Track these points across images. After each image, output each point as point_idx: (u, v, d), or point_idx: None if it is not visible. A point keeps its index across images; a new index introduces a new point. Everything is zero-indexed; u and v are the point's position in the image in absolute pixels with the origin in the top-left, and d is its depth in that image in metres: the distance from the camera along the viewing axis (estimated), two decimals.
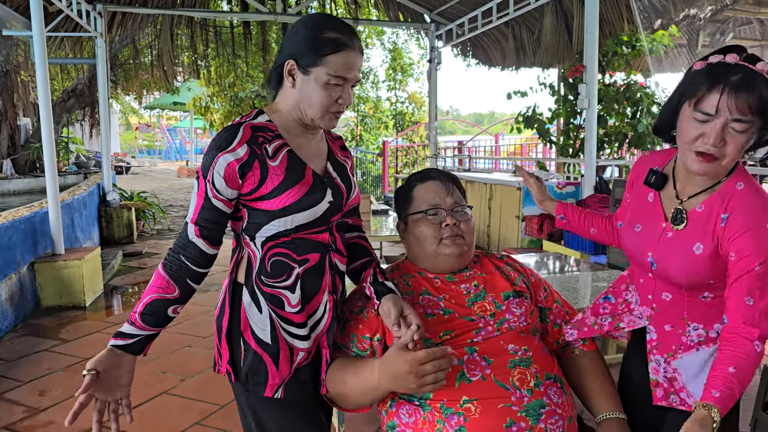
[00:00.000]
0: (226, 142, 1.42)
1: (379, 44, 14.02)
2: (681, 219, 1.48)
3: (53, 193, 5.06)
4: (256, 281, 1.50)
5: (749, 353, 1.29)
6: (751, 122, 1.31)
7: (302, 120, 1.51)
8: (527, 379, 1.48)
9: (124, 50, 10.45)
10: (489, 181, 6.75)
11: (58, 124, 10.09)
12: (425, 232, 1.66)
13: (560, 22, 6.94)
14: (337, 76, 1.44)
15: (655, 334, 1.57)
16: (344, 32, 1.46)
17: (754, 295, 1.32)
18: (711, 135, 1.32)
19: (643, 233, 1.56)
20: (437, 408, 1.46)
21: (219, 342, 1.55)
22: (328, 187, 1.53)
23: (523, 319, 1.60)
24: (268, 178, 1.44)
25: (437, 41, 8.63)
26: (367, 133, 14.59)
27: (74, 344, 4.10)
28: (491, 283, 1.66)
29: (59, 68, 11.58)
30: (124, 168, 18.86)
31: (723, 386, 1.27)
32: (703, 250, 1.42)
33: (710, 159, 1.35)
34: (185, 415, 3.03)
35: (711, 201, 1.43)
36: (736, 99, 1.28)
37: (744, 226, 1.36)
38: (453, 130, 32.43)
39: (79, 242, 6.21)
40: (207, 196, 1.44)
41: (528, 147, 13.58)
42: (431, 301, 1.60)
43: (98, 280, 5.40)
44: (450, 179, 1.74)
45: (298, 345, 1.53)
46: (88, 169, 10.61)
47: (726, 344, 1.33)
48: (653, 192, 1.56)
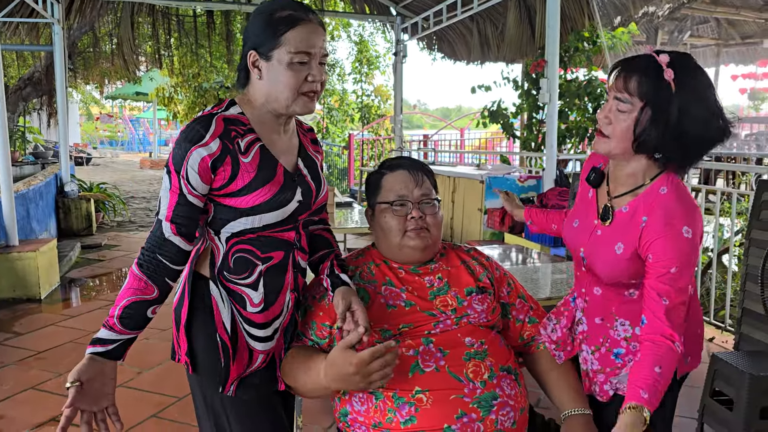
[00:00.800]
0: (198, 135, 1.37)
1: (345, 36, 13.95)
2: (608, 216, 1.52)
3: (6, 183, 4.92)
4: (219, 276, 1.47)
5: (671, 354, 1.36)
6: (631, 104, 1.38)
7: (277, 111, 1.46)
8: (481, 371, 1.49)
9: (84, 38, 10.20)
10: (453, 174, 6.80)
11: (14, 113, 9.81)
12: (390, 223, 1.64)
13: (523, 17, 7.00)
14: (299, 52, 1.39)
15: (586, 326, 1.63)
16: (297, 8, 1.42)
17: (670, 297, 1.38)
18: (603, 111, 1.45)
19: (579, 228, 1.62)
20: (389, 397, 1.46)
21: (177, 333, 1.52)
22: (298, 185, 1.50)
23: (483, 316, 1.60)
24: (239, 174, 1.40)
25: (403, 34, 8.63)
26: (333, 125, 14.53)
27: (27, 337, 4.00)
28: (456, 277, 1.66)
29: (15, 55, 11.24)
30: (84, 159, 18.42)
31: (650, 387, 1.32)
32: (623, 250, 1.46)
33: (600, 134, 1.45)
34: (141, 408, 2.99)
35: (635, 203, 1.47)
36: (618, 78, 1.40)
37: (661, 231, 1.40)
38: (420, 124, 32.51)
39: (35, 234, 6.06)
40: (182, 192, 1.38)
41: (493, 141, 13.69)
42: (393, 292, 1.59)
43: (54, 273, 5.27)
44: (421, 169, 1.71)
45: (259, 347, 1.51)
46: (46, 159, 10.34)
47: (650, 345, 1.38)
48: (593, 189, 1.61)
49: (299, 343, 1.60)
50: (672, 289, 1.38)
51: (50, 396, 3.13)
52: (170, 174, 1.39)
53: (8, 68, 11.95)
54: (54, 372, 3.41)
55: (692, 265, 1.41)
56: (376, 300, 1.57)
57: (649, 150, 1.41)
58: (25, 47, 9.06)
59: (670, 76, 1.35)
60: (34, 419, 2.87)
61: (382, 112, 14.54)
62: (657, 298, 1.39)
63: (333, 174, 13.24)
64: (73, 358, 3.60)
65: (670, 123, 1.36)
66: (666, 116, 1.36)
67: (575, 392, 1.63)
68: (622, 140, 1.41)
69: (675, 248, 1.38)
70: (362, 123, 14.61)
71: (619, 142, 1.42)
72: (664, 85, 1.36)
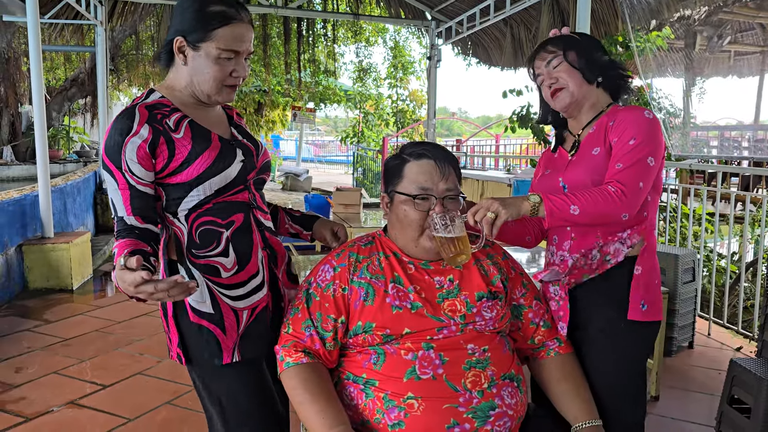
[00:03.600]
0: (126, 127, 1.40)
1: (381, 42, 14.02)
2: (576, 147, 1.75)
3: (44, 176, 5.09)
4: (188, 256, 1.50)
5: (603, 188, 1.53)
6: (557, 55, 1.71)
7: (198, 96, 1.51)
8: (480, 381, 1.46)
9: (127, 40, 10.49)
10: (481, 178, 6.77)
11: (59, 112, 10.14)
12: (410, 217, 1.54)
13: (557, 21, 6.92)
14: (228, 50, 1.45)
15: (571, 260, 1.70)
16: (230, 5, 1.47)
17: (623, 161, 1.57)
18: (545, 80, 1.74)
19: (552, 171, 1.80)
20: (380, 398, 1.44)
21: (167, 327, 1.55)
22: (237, 147, 1.54)
23: (491, 323, 1.54)
24: (177, 150, 1.44)
25: (437, 39, 8.64)
26: (369, 130, 14.61)
27: (57, 325, 4.13)
28: (467, 279, 1.57)
29: (63, 57, 11.63)
30: None
31: (558, 197, 1.52)
32: (599, 151, 1.65)
33: (557, 91, 1.72)
34: (157, 395, 3.05)
35: (600, 122, 1.71)
36: (537, 57, 1.76)
37: (625, 117, 1.64)
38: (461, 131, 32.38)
39: (71, 227, 6.24)
40: (130, 185, 1.41)
41: (529, 148, 13.55)
42: (401, 292, 1.52)
43: (87, 265, 5.43)
44: (447, 160, 1.59)
45: (241, 305, 1.54)
46: (89, 158, 10.65)
47: None
48: (558, 150, 1.83)
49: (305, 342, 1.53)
50: (626, 156, 1.57)
51: (71, 381, 3.22)
52: (112, 173, 1.40)
53: (56, 69, 12.38)
54: (77, 358, 3.51)
55: (650, 142, 1.58)
56: (383, 300, 1.51)
57: (593, 74, 1.70)
58: (69, 48, 9.36)
59: (567, 30, 1.78)
60: (53, 401, 2.96)
61: (416, 116, 14.55)
62: (612, 166, 1.58)
63: (367, 177, 13.30)
64: (98, 346, 3.71)
65: (586, 50, 1.71)
66: (580, 48, 1.71)
67: (586, 403, 1.59)
68: (573, 78, 1.70)
69: (635, 123, 1.61)
70: (397, 127, 14.65)
71: (573, 81, 1.70)
72: (566, 36, 1.75)
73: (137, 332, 3.99)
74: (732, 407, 2.50)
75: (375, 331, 1.48)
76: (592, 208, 1.50)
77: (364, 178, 13.35)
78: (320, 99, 14.49)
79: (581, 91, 1.71)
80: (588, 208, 1.49)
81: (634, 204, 1.54)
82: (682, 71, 8.09)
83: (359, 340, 1.51)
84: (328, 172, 20.17)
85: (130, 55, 11.06)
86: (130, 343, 3.79)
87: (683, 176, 7.13)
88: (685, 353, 3.78)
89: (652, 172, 1.59)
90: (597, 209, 1.50)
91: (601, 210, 1.51)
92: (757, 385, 2.35)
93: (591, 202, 1.50)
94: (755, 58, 11.05)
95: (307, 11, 8.92)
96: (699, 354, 3.79)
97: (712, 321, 4.20)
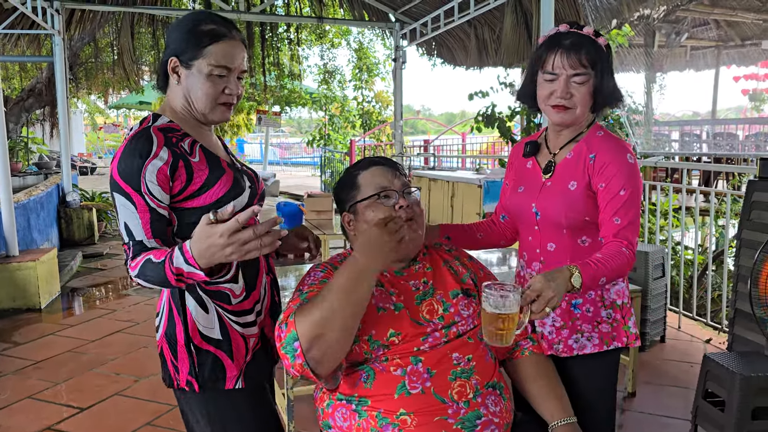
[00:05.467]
0: (146, 150, 1.38)
1: (345, 44, 13.98)
2: (550, 169, 1.71)
3: (6, 194, 4.95)
4: (199, 282, 1.46)
5: (619, 250, 1.52)
6: (587, 74, 1.59)
7: (194, 115, 1.52)
8: (466, 391, 1.48)
9: (86, 48, 10.26)
10: (451, 179, 6.80)
11: (17, 123, 9.88)
12: (379, 216, 1.55)
13: (520, 21, 7.01)
14: (219, 66, 1.46)
15: None
16: (221, 24, 1.48)
17: (620, 215, 1.56)
18: (558, 89, 1.61)
19: (526, 191, 1.75)
20: (373, 416, 1.45)
21: (174, 355, 1.50)
22: (243, 173, 1.57)
23: (470, 321, 1.57)
24: (195, 174, 1.44)
25: (402, 40, 8.66)
26: (335, 132, 14.56)
27: (27, 347, 4.02)
28: (440, 278, 1.63)
29: (18, 66, 11.32)
30: (89, 168, 18.52)
31: (591, 262, 1.47)
32: (577, 186, 1.64)
33: (563, 109, 1.63)
34: (137, 416, 3.00)
35: (578, 148, 1.67)
36: (569, 57, 1.58)
37: (609, 160, 1.60)
38: (425, 129, 32.53)
39: (35, 243, 6.09)
40: (151, 208, 1.38)
41: (494, 146, 13.68)
42: (383, 294, 1.55)
43: (54, 282, 5.30)
44: (393, 164, 1.67)
45: (249, 332, 1.55)
46: (50, 169, 10.40)
47: (602, 247, 1.57)
48: (531, 159, 1.78)
49: None
50: (623, 212, 1.56)
51: (47, 405, 3.14)
52: (129, 195, 1.36)
53: (11, 80, 12.05)
54: (51, 381, 3.43)
55: (638, 192, 1.59)
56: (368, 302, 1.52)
57: (603, 105, 1.66)
58: (26, 58, 9.12)
59: (603, 42, 1.63)
60: (29, 428, 2.89)
61: (383, 118, 14.56)
62: (610, 220, 1.57)
63: (335, 180, 13.26)
64: (72, 367, 3.63)
65: (611, 78, 1.63)
66: (609, 73, 1.62)
67: (560, 400, 1.62)
68: (585, 105, 1.63)
69: (623, 172, 1.58)
70: (363, 129, 14.63)
71: (583, 108, 1.63)
72: (602, 51, 1.61)
73: (111, 351, 3.91)
74: (707, 401, 2.57)
75: (361, 335, 1.48)
76: (615, 274, 1.50)
77: (332, 180, 13.31)
78: (285, 102, 14.39)
79: (583, 117, 1.67)
80: (612, 275, 1.49)
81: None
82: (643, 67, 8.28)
83: None
84: (294, 174, 20.05)
85: (89, 63, 10.82)
86: (104, 362, 3.71)
87: (647, 171, 7.29)
88: (657, 347, 3.87)
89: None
90: (619, 274, 1.52)
91: (622, 273, 1.53)
92: (730, 379, 2.42)
93: (615, 269, 1.49)
94: (710, 52, 11.36)
95: (270, 15, 8.84)
96: (671, 347, 3.89)
97: (682, 314, 4.31)
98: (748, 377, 2.35)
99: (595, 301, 1.68)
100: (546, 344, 1.71)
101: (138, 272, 1.36)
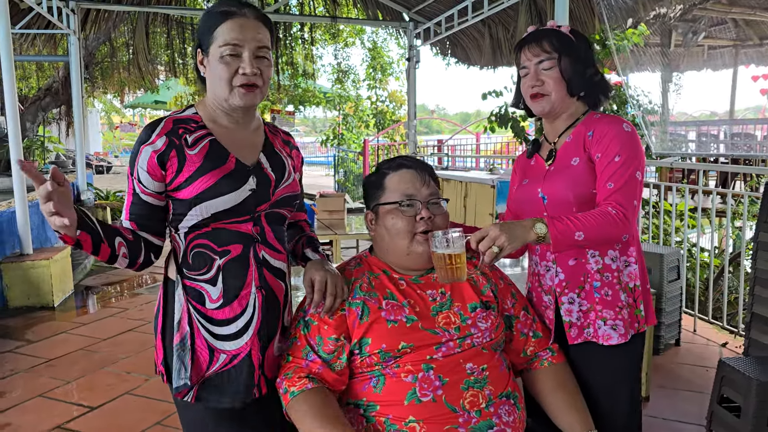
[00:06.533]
0: (146, 136, 1.42)
1: (359, 43, 13.98)
2: (552, 155, 1.74)
3: (21, 192, 4.99)
4: (180, 274, 1.47)
5: (603, 210, 1.52)
6: (551, 58, 1.66)
7: (222, 106, 1.48)
8: (478, 401, 1.45)
9: (101, 48, 10.34)
10: (464, 179, 6.75)
11: (33, 122, 9.98)
12: (398, 225, 1.55)
13: (534, 20, 6.95)
14: (227, 44, 1.40)
15: (563, 274, 1.68)
16: (232, 4, 1.44)
17: (613, 180, 1.57)
18: (530, 78, 1.69)
19: (531, 181, 1.77)
20: (381, 422, 1.43)
21: (156, 342, 1.52)
22: (252, 175, 1.47)
23: (487, 335, 1.54)
24: (185, 166, 1.42)
25: (416, 40, 8.63)
26: (348, 132, 14.57)
27: (39, 345, 4.05)
28: (458, 291, 1.58)
29: (35, 66, 11.44)
30: (105, 167, 18.69)
31: (563, 216, 1.50)
32: (579, 161, 1.65)
33: (540, 96, 1.69)
34: (147, 416, 3.00)
35: (576, 131, 1.70)
36: (530, 48, 1.68)
37: (605, 130, 1.63)
38: (440, 129, 32.48)
39: (50, 242, 6.14)
40: (135, 192, 1.44)
41: (509, 146, 13.61)
42: (395, 307, 1.51)
43: (68, 280, 5.34)
44: (425, 168, 1.63)
45: (220, 346, 1.46)
46: (66, 168, 10.49)
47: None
48: (534, 156, 1.81)
49: (308, 367, 1.48)
50: (615, 174, 1.56)
51: (58, 404, 3.16)
52: (128, 177, 1.45)
53: (28, 79, 12.17)
54: (63, 380, 3.45)
55: (635, 157, 1.59)
56: (378, 316, 1.49)
57: (579, 88, 1.68)
58: (42, 57, 9.21)
59: (567, 29, 1.71)
60: (40, 427, 2.90)
61: (396, 117, 14.54)
62: (604, 186, 1.58)
63: (349, 180, 13.27)
64: (83, 366, 3.65)
65: (581, 62, 1.68)
66: (577, 57, 1.67)
67: (582, 412, 1.59)
68: (558, 89, 1.67)
69: (618, 139, 1.60)
70: (377, 129, 14.62)
71: (557, 93, 1.67)
72: (565, 37, 1.69)
73: (123, 349, 3.93)
74: (722, 407, 2.52)
75: (371, 350, 1.46)
76: (596, 232, 1.49)
77: (345, 180, 13.32)
78: (299, 101, 14.42)
79: (562, 102, 1.69)
80: (592, 232, 1.48)
81: (633, 222, 1.56)
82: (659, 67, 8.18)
83: (356, 363, 1.49)
84: (308, 173, 20.10)
85: (104, 63, 10.91)
86: (115, 361, 3.73)
87: (663, 172, 7.21)
88: (672, 351, 3.82)
89: (641, 187, 1.62)
90: (601, 233, 1.50)
91: (606, 234, 1.51)
92: (746, 384, 2.38)
93: (595, 227, 1.49)
94: (728, 52, 11.22)
95: (284, 15, 8.85)
96: (686, 351, 3.83)
97: (698, 317, 4.24)
98: (764, 383, 2.31)
99: (613, 283, 1.65)
100: (576, 332, 1.67)
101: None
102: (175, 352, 1.45)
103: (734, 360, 2.53)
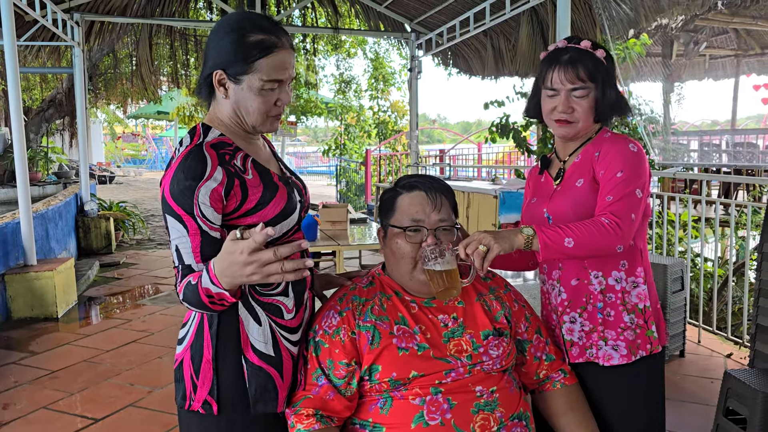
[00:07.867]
0: (200, 171, 1.32)
1: (361, 53, 14.04)
2: (560, 175, 1.73)
3: (25, 203, 5.01)
4: (251, 294, 1.41)
5: (597, 220, 1.51)
6: (587, 88, 1.61)
7: (243, 127, 1.44)
8: (490, 424, 1.44)
9: (105, 59, 10.40)
10: (467, 189, 6.77)
11: (37, 133, 10.03)
12: (402, 250, 1.52)
13: (536, 31, 7.00)
14: (271, 80, 1.37)
15: (566, 293, 1.68)
16: (270, 31, 1.37)
17: (613, 194, 1.55)
18: (559, 104, 1.63)
19: (538, 200, 1.77)
20: None
21: (196, 372, 1.40)
22: (293, 187, 1.49)
23: (498, 361, 1.52)
24: (249, 192, 1.37)
25: (418, 50, 8.67)
26: (350, 142, 14.61)
27: (43, 356, 4.05)
28: (471, 317, 1.55)
29: (39, 78, 11.50)
30: (107, 177, 18.73)
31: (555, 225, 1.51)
32: (583, 183, 1.64)
33: (565, 123, 1.65)
34: (150, 428, 3.00)
35: (585, 150, 1.69)
36: (566, 73, 1.61)
37: (611, 149, 1.62)
38: (441, 138, 32.55)
39: (54, 253, 6.15)
40: (202, 231, 1.32)
41: (510, 155, 13.63)
42: (407, 333, 1.49)
43: (72, 291, 5.34)
44: (440, 191, 1.57)
45: (296, 351, 1.48)
46: (69, 178, 10.53)
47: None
48: (544, 174, 1.80)
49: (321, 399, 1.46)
50: (616, 189, 1.55)
51: (62, 416, 3.15)
52: (181, 218, 1.32)
53: (32, 90, 12.24)
54: (67, 392, 3.45)
55: (638, 176, 1.57)
56: (389, 342, 1.47)
57: (606, 114, 1.66)
58: (47, 69, 9.25)
59: (602, 54, 1.64)
60: None
61: (398, 127, 14.58)
62: (603, 199, 1.57)
63: (351, 190, 13.29)
64: (87, 377, 3.64)
65: (612, 88, 1.64)
66: (610, 84, 1.64)
67: None
68: (587, 119, 1.64)
69: (621, 157, 1.59)
70: (379, 139, 14.66)
71: (585, 122, 1.65)
72: (601, 64, 1.63)
73: (126, 361, 3.92)
74: (727, 419, 2.51)
75: (381, 377, 1.45)
76: (587, 240, 1.47)
77: (347, 190, 13.34)
78: (301, 111, 14.47)
79: (587, 129, 1.67)
80: (583, 240, 1.47)
81: (628, 235, 1.53)
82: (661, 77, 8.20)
83: (366, 388, 1.48)
84: (311, 183, 20.13)
85: (108, 74, 10.97)
86: (119, 373, 3.73)
87: (665, 182, 7.21)
88: (676, 362, 3.80)
89: (641, 203, 1.60)
90: (592, 242, 1.48)
91: (597, 242, 1.49)
92: (752, 396, 2.36)
93: (586, 234, 1.47)
94: (730, 61, 11.26)
95: (287, 26, 8.87)
96: (690, 362, 3.81)
97: (702, 328, 4.23)
98: None
99: (616, 304, 1.64)
100: (577, 351, 1.67)
101: (183, 296, 1.33)
102: (252, 374, 1.40)
103: (740, 372, 2.51)
